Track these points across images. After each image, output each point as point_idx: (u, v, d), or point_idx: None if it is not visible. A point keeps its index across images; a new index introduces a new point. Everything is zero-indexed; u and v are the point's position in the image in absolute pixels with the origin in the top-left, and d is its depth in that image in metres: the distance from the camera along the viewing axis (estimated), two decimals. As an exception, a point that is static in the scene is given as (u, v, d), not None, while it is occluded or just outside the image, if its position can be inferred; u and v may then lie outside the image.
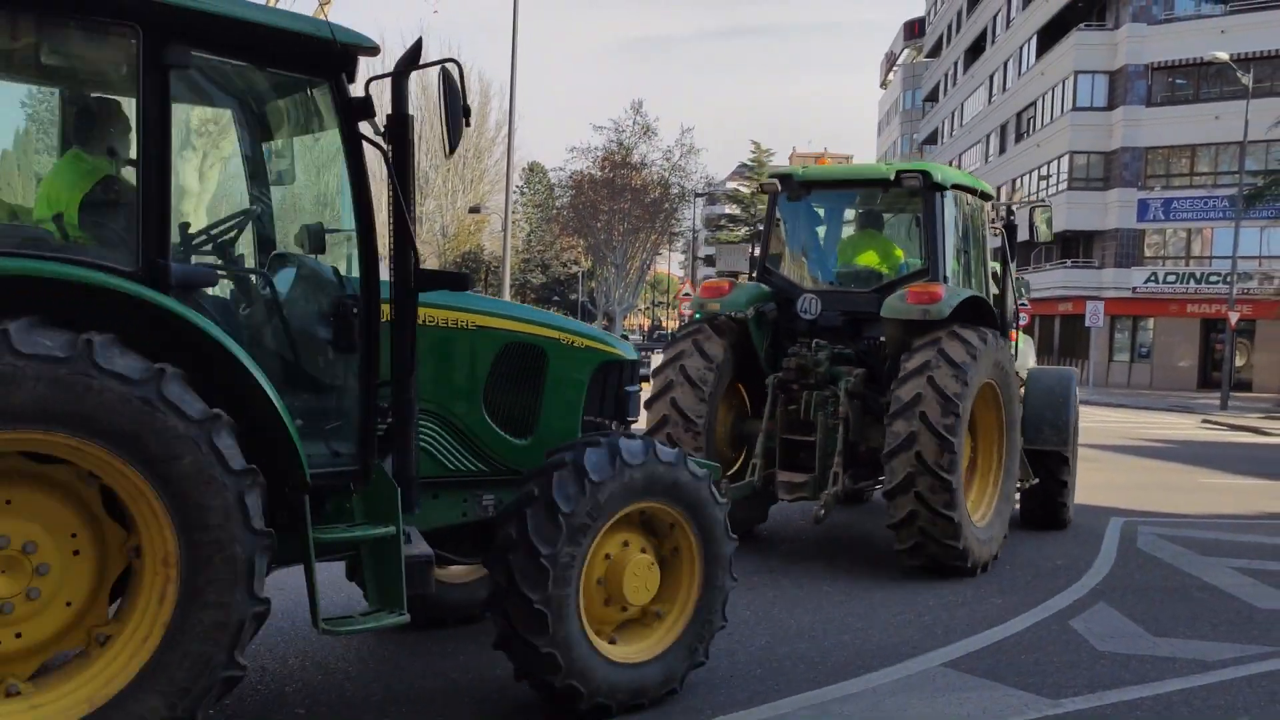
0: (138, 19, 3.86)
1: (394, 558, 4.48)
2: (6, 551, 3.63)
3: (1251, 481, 15.34)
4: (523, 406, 5.39)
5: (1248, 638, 6.77)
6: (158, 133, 3.95)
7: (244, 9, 4.11)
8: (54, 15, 3.92)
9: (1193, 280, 43.96)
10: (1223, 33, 41.90)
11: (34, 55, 4.22)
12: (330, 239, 4.87)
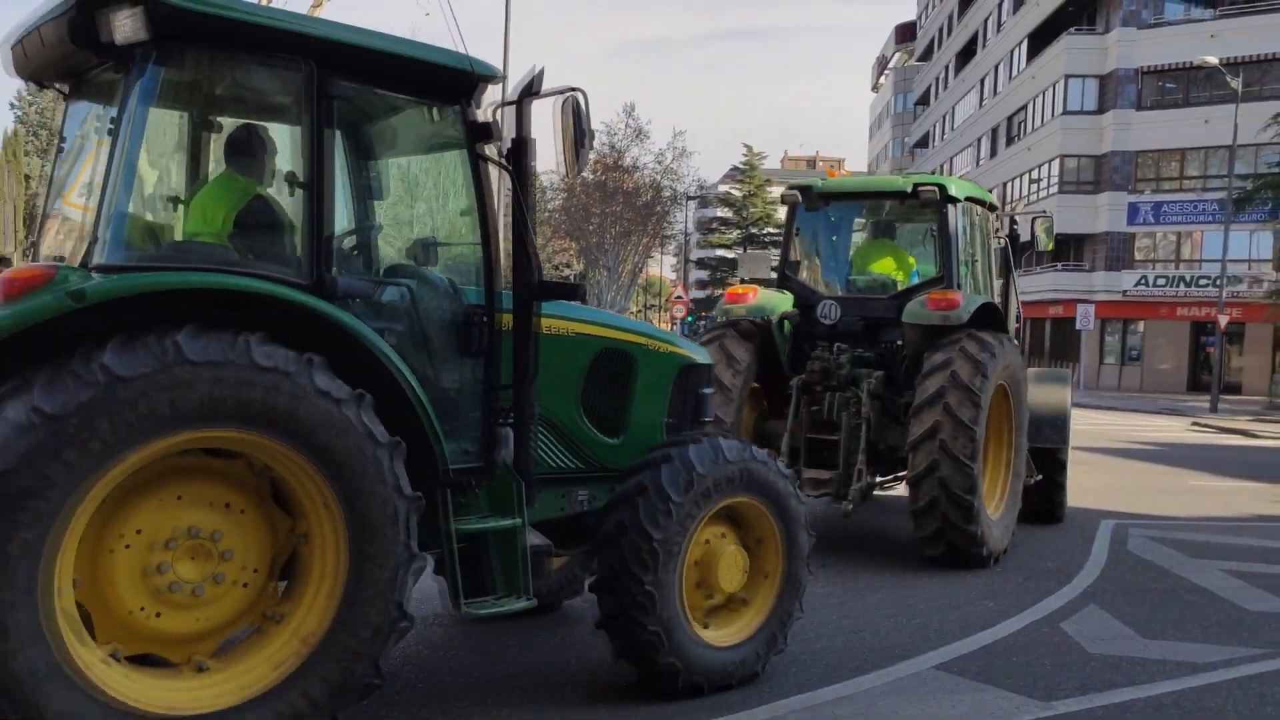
0: (312, 54, 4.33)
1: (518, 548, 4.91)
2: (197, 540, 4.02)
3: (1241, 484, 15.40)
4: (614, 408, 5.77)
5: (1237, 640, 6.80)
6: (322, 156, 4.39)
7: (398, 44, 4.60)
8: (239, 52, 4.31)
9: (1182, 283, 44.13)
10: (1212, 37, 42.09)
11: (210, 87, 4.64)
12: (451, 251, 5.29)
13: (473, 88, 4.88)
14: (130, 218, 4.26)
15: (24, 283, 3.77)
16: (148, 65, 4.15)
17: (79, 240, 4.56)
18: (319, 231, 4.40)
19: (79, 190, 4.98)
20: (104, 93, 4.63)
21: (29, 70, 4.74)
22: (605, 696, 5.24)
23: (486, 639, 6.16)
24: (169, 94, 4.43)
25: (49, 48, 4.37)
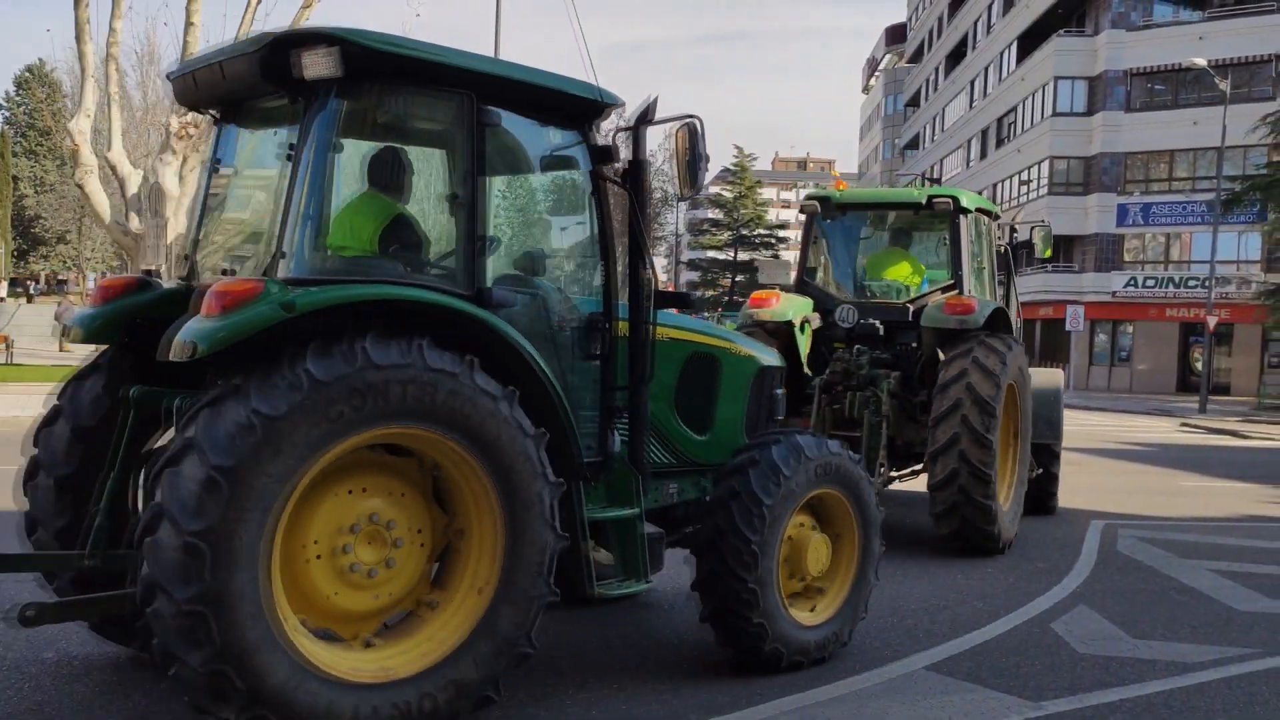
0: (471, 86, 4.80)
1: (637, 535, 5.38)
2: (375, 526, 4.46)
3: (1230, 484, 15.45)
4: (701, 407, 6.20)
5: (1226, 640, 6.81)
6: (479, 178, 4.85)
7: (541, 76, 5.07)
8: (411, 85, 4.79)
9: (1171, 284, 44.31)
10: (1200, 39, 42.28)
11: (381, 116, 5.09)
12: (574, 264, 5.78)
13: (599, 114, 5.39)
14: (312, 235, 4.62)
15: (238, 295, 4.12)
16: (329, 97, 4.59)
17: (254, 253, 5.11)
18: (477, 247, 4.87)
19: (237, 207, 5.62)
20: (259, 119, 5.26)
21: (192, 98, 5.21)
22: (600, 699, 5.22)
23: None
24: (346, 123, 4.82)
25: (228, 79, 4.80)
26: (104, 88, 25.01)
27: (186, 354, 4.07)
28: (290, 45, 4.49)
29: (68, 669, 5.37)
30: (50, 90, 55.84)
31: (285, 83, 4.59)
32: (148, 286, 5.13)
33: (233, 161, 5.39)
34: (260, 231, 5.28)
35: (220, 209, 5.48)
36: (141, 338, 4.88)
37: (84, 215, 44.27)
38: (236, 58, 4.70)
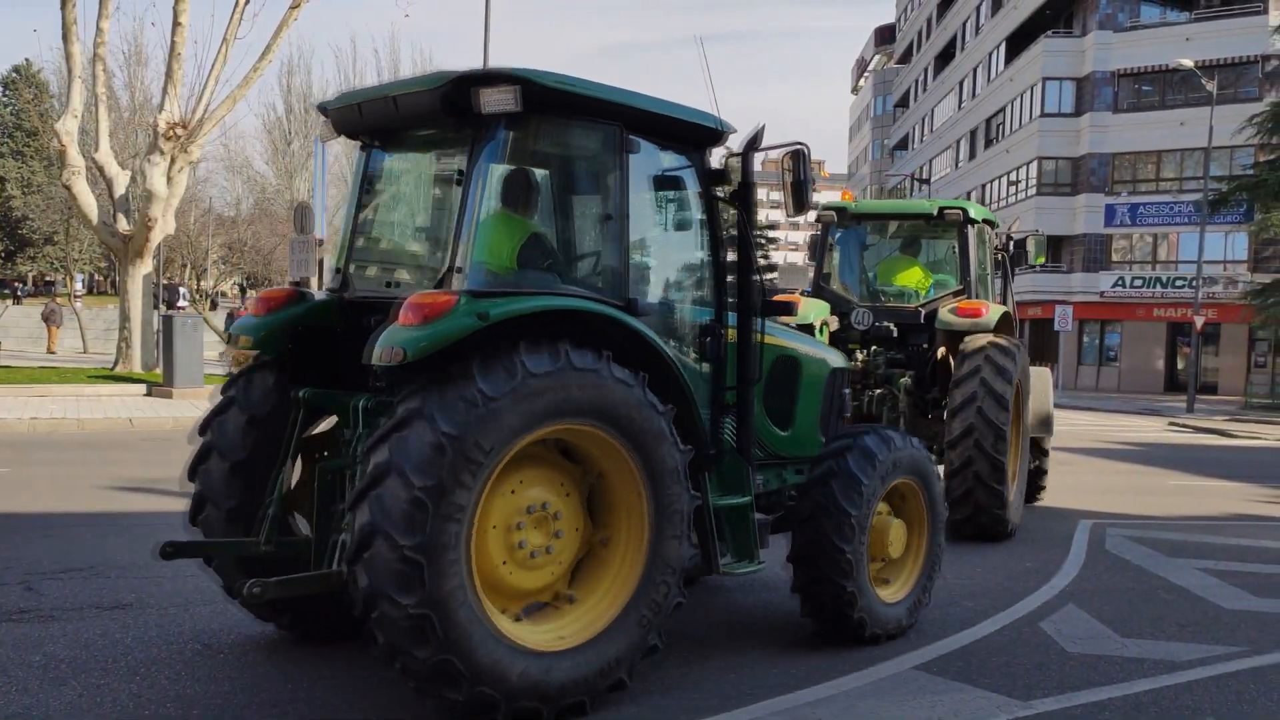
0: (620, 118, 5.34)
1: (749, 521, 5.88)
2: (544, 514, 4.97)
3: (1217, 483, 15.52)
4: (785, 406, 6.71)
5: (1214, 638, 6.84)
6: (628, 199, 5.39)
7: (672, 107, 5.62)
8: (571, 117, 5.32)
9: (1159, 284, 44.49)
10: (1187, 40, 42.47)
11: (543, 144, 5.55)
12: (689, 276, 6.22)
13: (717, 141, 5.92)
14: (485, 252, 5.10)
15: (436, 307, 4.62)
16: (499, 129, 5.07)
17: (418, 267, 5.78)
18: (627, 261, 5.40)
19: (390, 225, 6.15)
20: (412, 146, 5.92)
21: (351, 126, 5.72)
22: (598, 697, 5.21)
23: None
24: (512, 151, 5.26)
25: (401, 111, 5.31)
26: (91, 88, 24.91)
27: (396, 359, 4.56)
28: (473, 83, 4.99)
29: (55, 672, 5.34)
30: (37, 91, 55.58)
31: (461, 115, 5.08)
32: (303, 298, 5.69)
33: (383, 184, 5.93)
34: (418, 247, 6.01)
35: (371, 227, 5.99)
36: (301, 344, 5.58)
37: (71, 216, 44.08)
38: (416, 93, 5.22)
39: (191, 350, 20.72)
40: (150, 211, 23.71)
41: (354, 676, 5.46)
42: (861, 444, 6.27)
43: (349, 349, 5.36)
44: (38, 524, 9.03)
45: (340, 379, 5.54)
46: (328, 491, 5.30)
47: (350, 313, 5.61)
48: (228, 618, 6.39)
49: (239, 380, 5.65)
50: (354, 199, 5.85)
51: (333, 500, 5.30)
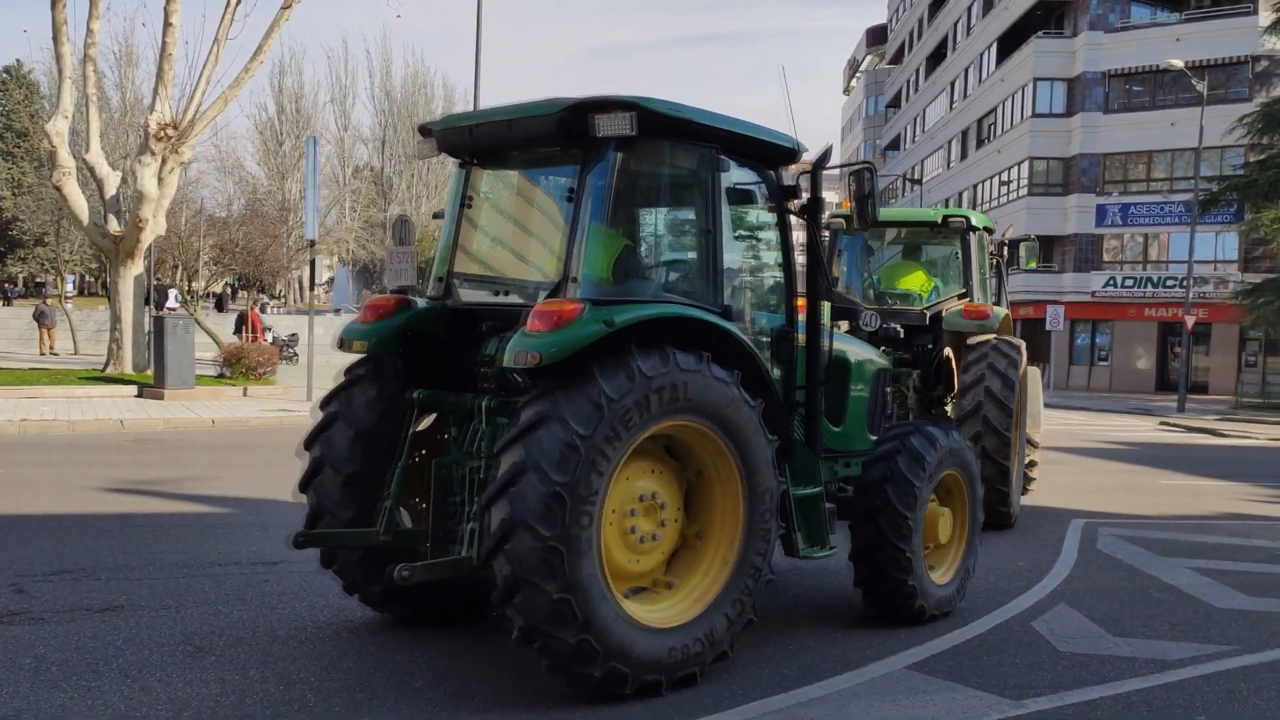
0: (715, 140, 5.82)
1: (820, 509, 6.41)
2: (653, 504, 5.47)
3: (1208, 482, 15.57)
4: (838, 404, 7.27)
5: (1205, 637, 6.87)
6: (721, 214, 5.86)
7: (757, 130, 6.10)
8: (673, 139, 5.75)
9: (1150, 284, 44.63)
10: (1178, 40, 42.60)
11: (646, 164, 5.90)
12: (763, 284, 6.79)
13: (792, 160, 6.39)
14: (595, 264, 5.47)
15: (564, 315, 5.04)
16: (609, 150, 5.49)
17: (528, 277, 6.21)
18: (721, 271, 5.86)
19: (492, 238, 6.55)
20: (514, 165, 6.34)
21: (457, 146, 6.11)
22: (584, 701, 5.21)
23: (451, 644, 6.12)
24: (620, 170, 5.62)
25: (514, 133, 5.74)
26: (82, 89, 24.84)
27: (533, 362, 4.98)
28: (591, 109, 5.41)
29: (45, 675, 5.32)
30: (28, 91, 55.42)
31: (573, 138, 5.52)
32: (409, 305, 6.05)
33: (483, 200, 6.37)
34: (527, 258, 6.42)
35: (472, 240, 6.37)
36: (408, 348, 6.02)
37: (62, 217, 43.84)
38: (532, 117, 5.63)
39: (183, 351, 20.67)
40: (141, 212, 23.64)
41: (347, 679, 5.46)
42: (910, 447, 6.72)
43: (453, 353, 6.03)
44: (29, 526, 9.00)
45: (444, 381, 6.03)
46: (443, 485, 5.72)
47: (453, 319, 6.08)
48: (219, 620, 6.38)
49: (340, 393, 6.07)
50: (454, 214, 6.23)
51: (448, 493, 5.74)
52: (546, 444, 4.90)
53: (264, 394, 22.69)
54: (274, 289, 68.76)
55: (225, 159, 66.18)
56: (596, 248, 5.52)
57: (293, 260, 51.06)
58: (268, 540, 8.78)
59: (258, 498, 10.93)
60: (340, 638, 6.12)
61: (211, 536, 8.87)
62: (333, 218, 68.60)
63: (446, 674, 5.57)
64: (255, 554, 8.25)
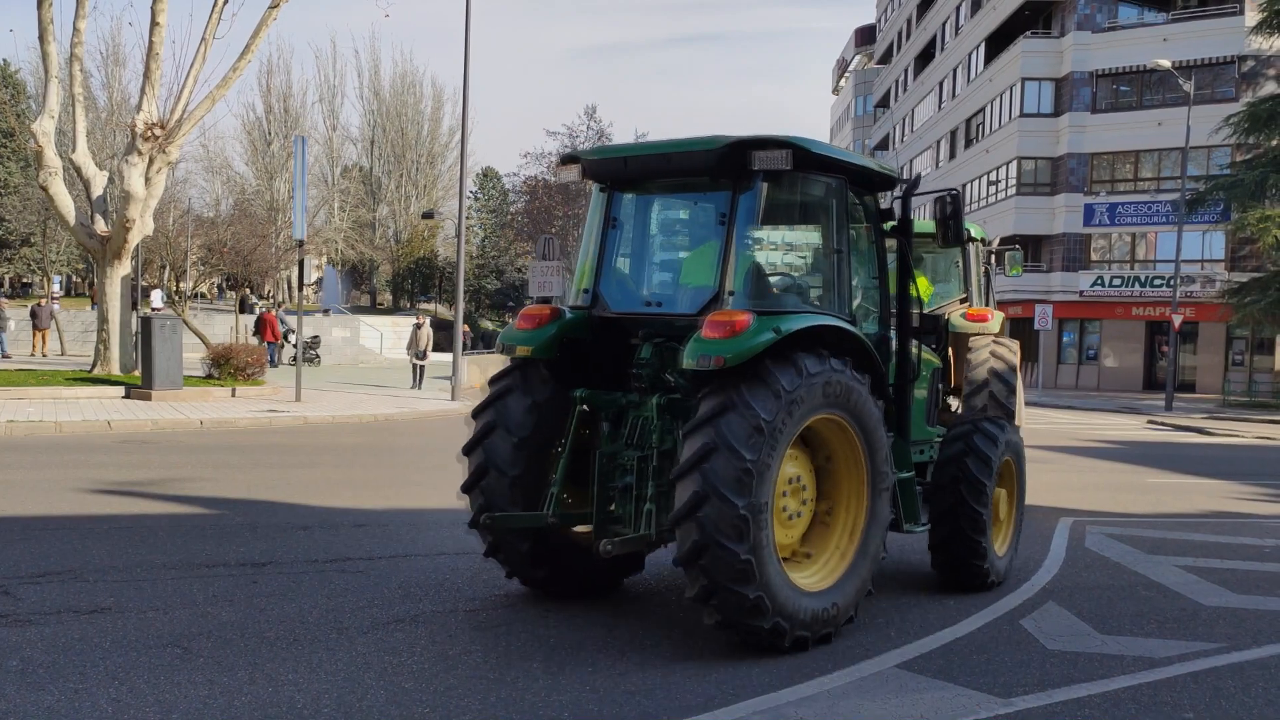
0: (843, 173, 6.76)
1: (913, 490, 7.35)
2: (797, 486, 6.35)
3: (1196, 480, 15.64)
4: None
5: (1193, 635, 6.90)
6: (848, 236, 6.82)
7: (868, 161, 7.05)
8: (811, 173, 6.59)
9: (1138, 284, 44.77)
10: (1165, 41, 42.77)
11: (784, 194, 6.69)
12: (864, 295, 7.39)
13: (891, 187, 7.34)
14: (747, 279, 6.36)
15: (739, 325, 5.89)
16: (758, 181, 6.36)
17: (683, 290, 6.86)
18: (849, 286, 6.84)
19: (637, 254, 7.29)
20: (660, 190, 7.22)
21: (607, 174, 6.99)
22: (573, 700, 5.21)
23: (441, 645, 6.11)
24: (766, 198, 6.49)
25: (672, 165, 6.65)
26: (68, 88, 24.74)
27: (719, 364, 5.82)
28: (750, 146, 6.25)
29: (32, 677, 5.30)
30: (14, 91, 55.15)
31: (730, 170, 6.39)
32: (561, 314, 6.86)
33: (627, 221, 7.15)
34: (676, 274, 7.19)
35: (617, 256, 7.14)
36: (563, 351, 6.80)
37: (49, 218, 43.69)
38: (693, 151, 6.50)
39: (170, 352, 20.60)
40: (128, 213, 23.54)
41: (336, 680, 5.44)
42: (984, 428, 7.84)
43: (599, 356, 6.90)
44: (15, 527, 8.95)
45: (591, 381, 6.83)
46: (605, 471, 6.56)
47: (598, 327, 6.89)
48: (207, 621, 6.36)
49: (494, 403, 6.82)
50: (599, 232, 7.04)
51: (610, 478, 6.56)
52: (736, 427, 5.74)
53: (252, 395, 22.63)
54: (262, 289, 68.53)
55: (213, 159, 66.09)
56: (748, 265, 6.40)
57: (281, 260, 51.01)
58: (256, 542, 8.75)
59: (246, 499, 10.89)
60: (329, 639, 6.11)
61: (199, 538, 8.84)
62: (321, 217, 68.46)
63: (436, 675, 5.56)
64: (243, 555, 8.22)
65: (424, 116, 77.72)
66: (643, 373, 6.68)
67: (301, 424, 19.12)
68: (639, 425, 6.53)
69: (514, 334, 6.85)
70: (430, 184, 77.72)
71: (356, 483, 12.30)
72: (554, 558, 6.90)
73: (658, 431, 6.41)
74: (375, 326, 49.88)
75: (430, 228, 73.54)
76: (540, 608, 6.95)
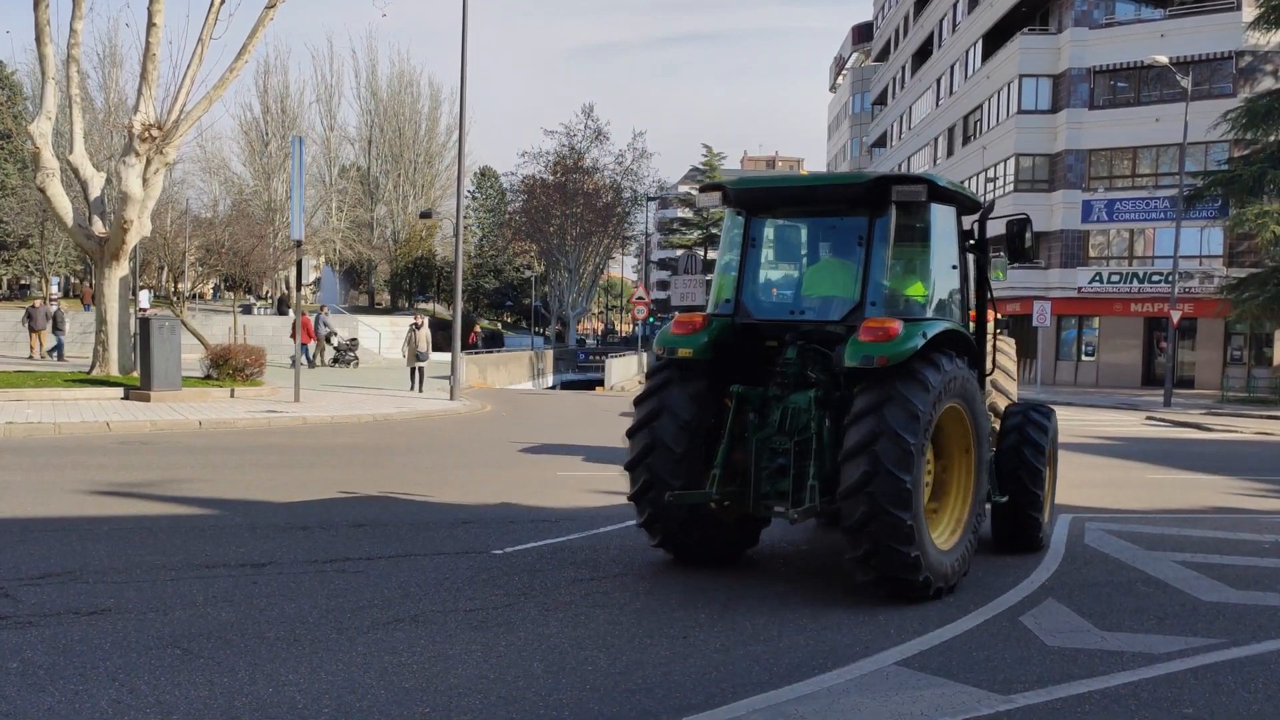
0: (954, 202, 8.34)
1: (992, 468, 8.53)
2: (931, 460, 7.73)
3: (1195, 476, 15.65)
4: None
5: (1192, 630, 6.90)
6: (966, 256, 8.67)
7: (966, 191, 8.57)
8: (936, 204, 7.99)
9: (1136, 280, 44.78)
10: (1162, 36, 42.76)
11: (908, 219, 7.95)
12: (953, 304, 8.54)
13: (978, 211, 8.81)
14: (885, 291, 7.76)
15: (892, 331, 7.16)
16: (892, 208, 7.73)
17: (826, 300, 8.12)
18: (966, 296, 8.65)
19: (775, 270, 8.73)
20: (797, 215, 8.56)
21: (751, 202, 8.32)
22: (573, 700, 5.21)
23: (441, 645, 6.11)
24: (897, 223, 7.84)
25: (818, 196, 8.17)
26: (65, 90, 24.70)
27: (881, 363, 7.10)
28: (892, 182, 7.68)
29: (33, 678, 5.29)
30: (11, 92, 55.06)
31: (869, 201, 7.75)
32: (711, 321, 8.04)
33: (764, 241, 8.45)
34: (819, 286, 8.33)
35: (758, 271, 8.43)
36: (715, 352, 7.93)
37: (46, 219, 43.66)
38: (839, 184, 8.19)
39: (169, 353, 20.59)
40: (126, 214, 23.53)
41: (336, 680, 5.44)
42: (1034, 419, 9.17)
43: (743, 357, 8.06)
44: (14, 529, 8.95)
45: (738, 378, 7.94)
46: (760, 454, 7.66)
47: (739, 332, 8.09)
48: (207, 622, 6.36)
49: (658, 393, 7.92)
50: (740, 250, 8.27)
51: (765, 460, 7.65)
52: (898, 415, 6.99)
53: (251, 395, 22.62)
54: (260, 289, 68.50)
55: (210, 159, 66.02)
56: (884, 279, 7.75)
57: (279, 261, 50.95)
58: (255, 542, 8.75)
59: (245, 499, 10.89)
60: (329, 639, 6.11)
61: (199, 539, 8.84)
62: (319, 218, 68.42)
63: (436, 675, 5.56)
64: (243, 556, 8.22)
65: (421, 116, 77.72)
66: (788, 371, 7.77)
67: (300, 424, 19.11)
68: (790, 415, 7.59)
69: (673, 338, 7.98)
70: (428, 183, 77.68)
71: (355, 483, 12.30)
72: (701, 528, 7.98)
73: (816, 420, 7.51)
74: (374, 326, 49.86)
75: (428, 227, 73.51)
76: (540, 607, 6.95)
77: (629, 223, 71.23)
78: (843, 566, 7.75)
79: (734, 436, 7.76)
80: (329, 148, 73.11)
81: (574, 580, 7.77)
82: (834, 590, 7.75)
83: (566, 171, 64.12)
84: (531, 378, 46.94)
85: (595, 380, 45.95)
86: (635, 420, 7.95)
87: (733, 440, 7.75)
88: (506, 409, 25.68)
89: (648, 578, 7.92)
